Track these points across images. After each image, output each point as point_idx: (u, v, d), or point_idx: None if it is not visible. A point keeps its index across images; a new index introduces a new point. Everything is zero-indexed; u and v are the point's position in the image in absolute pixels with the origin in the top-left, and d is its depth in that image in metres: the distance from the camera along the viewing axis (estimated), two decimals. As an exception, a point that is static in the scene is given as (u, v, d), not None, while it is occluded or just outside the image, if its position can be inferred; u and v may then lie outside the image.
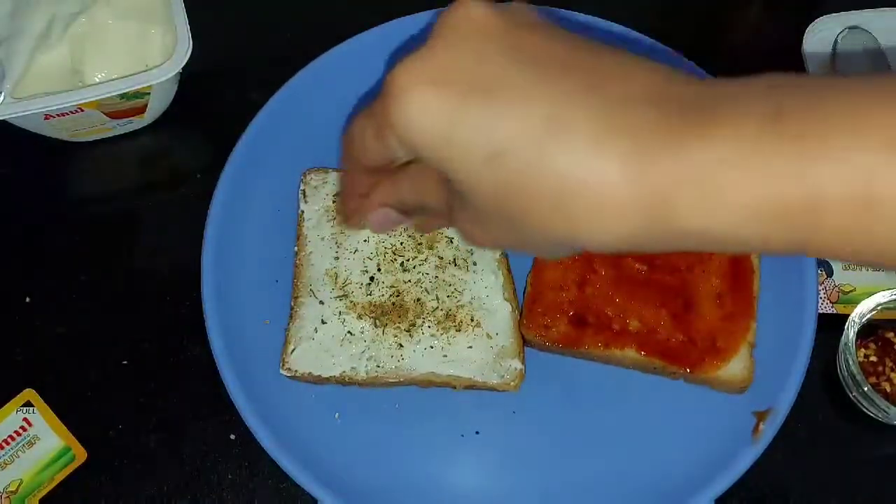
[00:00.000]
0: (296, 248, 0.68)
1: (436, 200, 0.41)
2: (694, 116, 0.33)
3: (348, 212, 0.48)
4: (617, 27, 0.73)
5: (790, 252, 0.33)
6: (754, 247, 0.34)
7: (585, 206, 0.33)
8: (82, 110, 0.67)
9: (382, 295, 0.65)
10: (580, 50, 0.36)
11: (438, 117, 0.35)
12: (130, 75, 0.67)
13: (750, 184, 0.31)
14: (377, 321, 0.65)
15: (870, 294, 0.66)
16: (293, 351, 0.64)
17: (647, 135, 0.33)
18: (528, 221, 0.35)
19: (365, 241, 0.67)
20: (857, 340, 0.64)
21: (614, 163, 0.33)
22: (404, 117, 0.36)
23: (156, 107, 0.72)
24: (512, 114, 0.34)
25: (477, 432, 0.64)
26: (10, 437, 0.65)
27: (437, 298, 0.65)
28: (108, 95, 0.66)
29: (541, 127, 0.34)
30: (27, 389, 0.67)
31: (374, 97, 0.38)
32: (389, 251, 0.67)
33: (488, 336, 0.64)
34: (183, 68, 0.67)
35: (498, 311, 0.65)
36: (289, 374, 0.64)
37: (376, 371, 0.63)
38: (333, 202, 0.68)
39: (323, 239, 0.67)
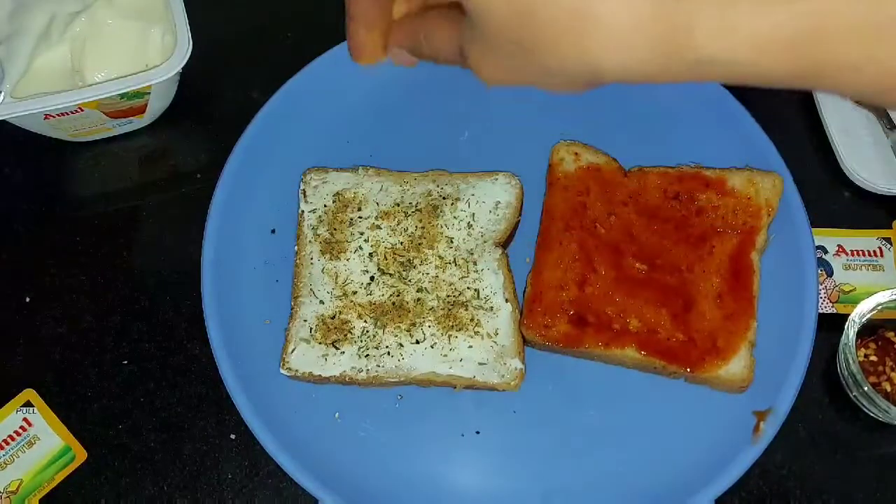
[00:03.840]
0: (296, 248, 0.68)
1: (447, 43, 0.43)
2: None
3: (357, 44, 0.51)
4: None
5: (802, 84, 0.34)
6: (765, 76, 0.34)
7: (601, 27, 0.34)
8: (82, 110, 0.67)
9: (383, 295, 0.65)
10: None
11: None
12: (130, 75, 0.67)
13: (762, 14, 0.32)
14: (377, 321, 0.65)
15: (870, 294, 0.66)
16: (293, 351, 0.64)
17: None
18: (539, 44, 0.36)
19: (366, 240, 0.67)
20: (857, 340, 0.64)
21: None
22: None
23: (156, 107, 0.72)
24: None
25: (477, 432, 0.64)
26: (10, 437, 0.65)
27: (438, 298, 0.65)
28: (108, 95, 0.66)
29: None
30: (27, 389, 0.67)
31: None
32: (390, 251, 0.67)
33: (489, 336, 0.64)
34: (183, 68, 0.67)
35: (498, 311, 0.65)
36: (289, 374, 0.64)
37: (376, 371, 0.63)
38: (333, 202, 0.68)
39: (323, 239, 0.67)
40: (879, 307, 0.65)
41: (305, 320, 0.65)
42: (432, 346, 0.64)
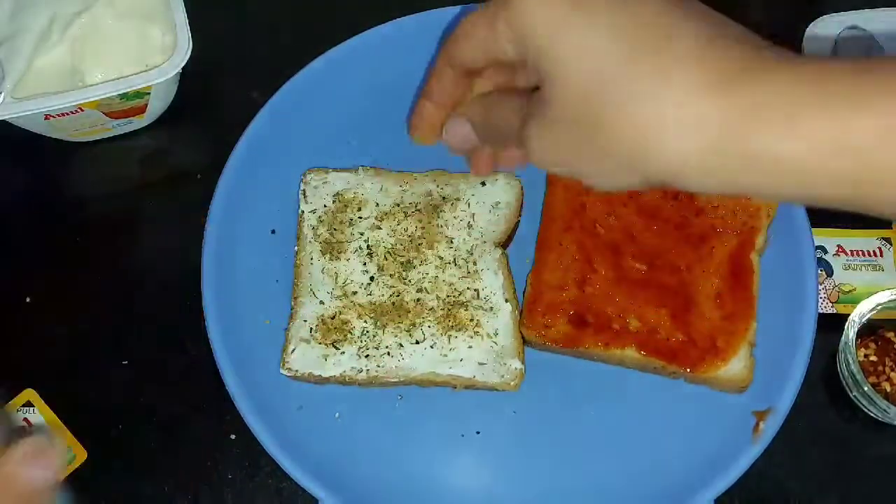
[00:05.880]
0: (296, 248, 0.68)
1: (509, 120, 0.44)
2: (777, 54, 0.36)
3: (421, 120, 0.51)
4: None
5: (844, 199, 0.36)
6: (818, 185, 0.36)
7: (659, 114, 0.35)
8: (82, 110, 0.67)
9: (382, 295, 0.65)
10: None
11: (553, 15, 0.38)
12: (130, 75, 0.67)
13: (825, 117, 0.34)
14: (377, 321, 0.65)
15: (870, 294, 0.66)
16: (293, 351, 0.64)
17: (735, 63, 0.35)
18: (600, 126, 0.37)
19: (365, 241, 0.67)
20: (857, 340, 0.64)
21: (700, 79, 0.35)
22: (524, 9, 0.39)
23: (156, 107, 0.72)
24: (612, 31, 0.37)
25: (477, 432, 0.64)
26: (11, 437, 0.65)
27: (437, 298, 0.65)
28: (108, 95, 0.66)
29: (634, 48, 0.37)
30: (27, 389, 0.67)
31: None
32: (390, 251, 0.67)
33: (488, 336, 0.64)
34: (183, 68, 0.67)
35: (498, 311, 0.65)
36: (289, 374, 0.64)
37: (376, 371, 0.63)
38: (333, 202, 0.68)
39: (323, 239, 0.67)
40: (879, 307, 0.65)
41: (305, 320, 0.65)
42: (432, 347, 0.64)
